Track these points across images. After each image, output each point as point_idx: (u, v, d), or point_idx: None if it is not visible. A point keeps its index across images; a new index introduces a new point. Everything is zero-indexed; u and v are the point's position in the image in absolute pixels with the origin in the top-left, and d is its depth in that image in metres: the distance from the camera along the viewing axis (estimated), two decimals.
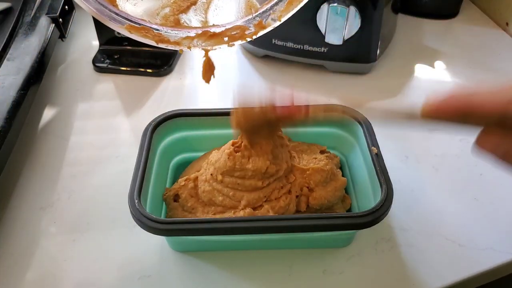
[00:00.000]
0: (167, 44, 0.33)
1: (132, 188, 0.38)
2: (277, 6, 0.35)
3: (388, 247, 0.43)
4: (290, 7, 0.34)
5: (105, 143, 0.55)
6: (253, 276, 0.41)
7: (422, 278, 0.40)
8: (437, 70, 0.66)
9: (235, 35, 0.34)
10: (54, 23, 0.62)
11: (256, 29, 0.34)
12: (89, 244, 0.44)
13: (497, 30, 0.74)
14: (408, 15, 0.77)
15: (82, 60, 0.69)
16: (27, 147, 0.54)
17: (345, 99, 0.60)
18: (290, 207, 0.41)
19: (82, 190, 0.49)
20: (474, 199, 0.47)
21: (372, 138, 0.43)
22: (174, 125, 0.46)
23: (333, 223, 0.36)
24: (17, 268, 0.42)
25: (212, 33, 0.34)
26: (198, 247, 0.43)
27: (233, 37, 0.34)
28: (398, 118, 0.31)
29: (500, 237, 0.43)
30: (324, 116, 0.38)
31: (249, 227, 0.37)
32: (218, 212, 0.41)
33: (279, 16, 0.34)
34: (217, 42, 0.34)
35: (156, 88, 0.63)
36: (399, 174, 0.49)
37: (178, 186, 0.43)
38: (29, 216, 0.46)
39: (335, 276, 0.41)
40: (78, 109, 0.60)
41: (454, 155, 0.52)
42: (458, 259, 0.42)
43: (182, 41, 0.33)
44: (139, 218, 0.36)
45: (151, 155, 0.42)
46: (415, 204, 0.47)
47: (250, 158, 0.39)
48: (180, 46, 0.33)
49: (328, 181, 0.42)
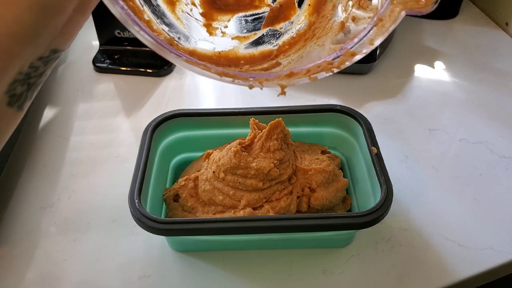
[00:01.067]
0: (233, 79, 0.27)
1: (132, 188, 0.38)
2: (366, 37, 0.29)
3: (388, 247, 0.43)
4: (382, 30, 0.29)
5: (105, 143, 0.55)
6: (253, 276, 0.41)
7: (422, 278, 0.40)
8: (437, 70, 0.66)
9: (318, 68, 0.29)
10: None
11: (342, 58, 0.29)
12: (89, 244, 0.44)
13: (497, 30, 0.74)
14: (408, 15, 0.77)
15: (83, 60, 0.69)
16: (27, 147, 0.54)
17: (345, 99, 0.60)
18: (291, 207, 0.41)
19: (82, 190, 0.49)
20: (474, 199, 0.47)
21: (372, 138, 0.43)
22: (174, 125, 0.46)
23: (333, 223, 0.36)
24: (17, 268, 0.42)
25: (289, 73, 0.29)
26: (198, 247, 0.43)
27: (315, 70, 0.29)
28: None
29: (500, 237, 0.43)
30: None
31: (249, 227, 0.37)
32: (218, 212, 0.41)
33: (371, 39, 0.29)
34: (296, 77, 0.29)
35: (156, 88, 0.63)
36: (399, 174, 0.49)
37: (178, 186, 0.43)
38: (29, 216, 0.46)
39: (335, 276, 0.41)
40: (78, 109, 0.60)
41: (454, 155, 0.52)
42: (458, 259, 0.42)
43: (252, 80, 0.28)
44: (139, 218, 0.36)
45: (151, 155, 0.42)
46: (415, 204, 0.47)
47: (255, 158, 0.40)
48: (249, 82, 0.28)
49: (330, 182, 0.42)
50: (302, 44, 0.34)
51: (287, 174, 0.41)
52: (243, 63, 0.33)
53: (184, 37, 0.32)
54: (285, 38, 0.35)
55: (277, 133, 0.41)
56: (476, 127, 0.56)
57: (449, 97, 0.61)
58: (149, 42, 0.25)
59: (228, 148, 0.41)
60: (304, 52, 0.33)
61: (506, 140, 0.54)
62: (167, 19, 0.31)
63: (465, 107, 0.59)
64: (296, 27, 0.35)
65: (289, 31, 0.35)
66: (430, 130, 0.56)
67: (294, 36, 0.35)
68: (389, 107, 0.59)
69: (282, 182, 0.41)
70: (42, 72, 0.23)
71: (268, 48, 0.35)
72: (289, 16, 0.35)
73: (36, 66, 0.22)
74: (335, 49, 0.30)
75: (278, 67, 0.32)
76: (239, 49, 0.34)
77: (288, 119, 0.43)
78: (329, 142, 0.48)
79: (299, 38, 0.35)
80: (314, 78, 0.29)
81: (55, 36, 0.22)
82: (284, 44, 0.35)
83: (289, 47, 0.35)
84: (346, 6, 0.33)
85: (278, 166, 0.40)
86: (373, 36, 0.29)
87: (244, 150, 0.40)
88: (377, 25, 0.29)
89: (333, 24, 0.33)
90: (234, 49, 0.34)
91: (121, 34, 0.67)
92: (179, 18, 0.32)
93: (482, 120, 0.57)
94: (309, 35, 0.34)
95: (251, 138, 0.41)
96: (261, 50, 0.35)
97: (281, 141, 0.41)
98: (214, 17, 0.34)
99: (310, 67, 0.29)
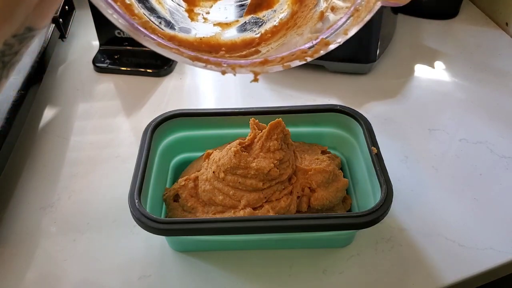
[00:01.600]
0: (206, 64, 0.27)
1: (132, 188, 0.38)
2: (341, 26, 0.29)
3: (388, 247, 0.43)
4: (358, 20, 0.29)
5: (105, 143, 0.55)
6: (253, 276, 0.41)
7: (422, 278, 0.40)
8: (437, 70, 0.66)
9: (292, 56, 0.29)
10: (54, 23, 0.63)
11: (317, 47, 0.29)
12: (89, 244, 0.44)
13: (497, 30, 0.74)
14: (408, 15, 0.77)
15: (82, 60, 0.69)
16: (27, 147, 0.54)
17: (345, 99, 0.60)
18: (291, 207, 0.41)
19: (82, 190, 0.49)
20: (474, 199, 0.47)
21: (372, 138, 0.43)
22: (174, 125, 0.46)
23: (333, 223, 0.36)
24: (17, 268, 0.42)
25: (263, 60, 0.28)
26: (198, 247, 0.43)
27: (289, 58, 0.29)
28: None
29: (500, 237, 0.43)
30: None
31: (249, 227, 0.37)
32: (218, 212, 0.41)
33: (345, 30, 0.29)
34: (270, 65, 0.29)
35: (156, 88, 0.63)
36: (399, 174, 0.49)
37: (178, 186, 0.43)
38: (29, 216, 0.46)
39: (335, 276, 0.41)
40: (78, 109, 0.60)
41: (454, 155, 0.52)
42: (458, 259, 0.42)
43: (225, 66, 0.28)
44: (139, 218, 0.36)
45: (151, 155, 0.42)
46: (415, 204, 0.47)
47: (255, 158, 0.40)
48: (222, 68, 0.28)
49: (330, 182, 0.42)
50: (284, 33, 0.34)
51: (287, 174, 0.41)
52: (224, 50, 0.32)
53: (166, 23, 0.31)
54: (268, 27, 0.35)
55: (277, 133, 0.41)
56: (476, 127, 0.56)
57: (449, 97, 0.61)
58: (122, 25, 0.25)
59: (228, 148, 0.41)
60: (284, 41, 0.33)
61: (506, 140, 0.54)
62: (149, 4, 0.31)
63: (465, 107, 0.59)
64: (279, 16, 0.35)
65: (271, 19, 0.34)
66: (430, 130, 0.56)
67: (276, 25, 0.35)
68: (389, 107, 0.59)
69: (282, 182, 0.41)
70: (17, 50, 0.23)
71: (250, 36, 0.35)
72: (272, 4, 0.35)
73: (10, 44, 0.22)
74: (312, 37, 0.30)
75: (256, 54, 0.32)
76: (221, 36, 0.34)
77: (288, 119, 0.43)
78: (329, 142, 0.48)
79: (281, 27, 0.35)
80: (287, 66, 0.28)
81: (29, 13, 0.22)
82: (266, 32, 0.35)
83: (271, 35, 0.35)
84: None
85: (278, 166, 0.40)
86: (348, 26, 0.29)
87: (244, 150, 0.40)
88: (353, 15, 0.29)
89: (314, 14, 0.33)
90: (216, 35, 0.33)
91: (121, 34, 0.67)
92: (161, 2, 0.32)
93: (482, 120, 0.57)
94: (291, 24, 0.34)
95: (251, 138, 0.41)
96: (243, 38, 0.35)
97: (281, 141, 0.41)
98: (196, 3, 0.34)
99: (284, 55, 0.29)
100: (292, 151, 0.43)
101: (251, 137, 0.42)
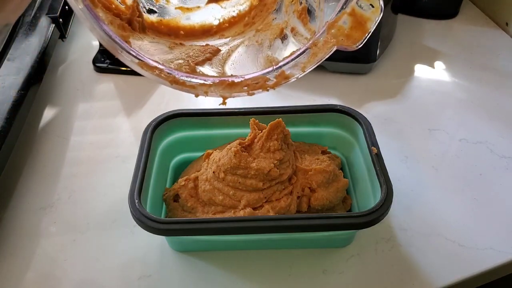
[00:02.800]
0: (182, 87, 0.30)
1: (132, 188, 0.38)
2: (299, 58, 0.32)
3: (388, 247, 0.43)
4: (315, 59, 0.32)
5: (105, 143, 0.55)
6: (253, 276, 0.41)
7: (422, 278, 0.40)
8: (437, 70, 0.66)
9: (256, 84, 0.32)
10: (54, 23, 0.62)
11: (277, 80, 0.32)
12: (89, 244, 0.44)
13: (497, 30, 0.74)
14: (408, 15, 0.77)
15: (83, 60, 0.69)
16: (27, 147, 0.54)
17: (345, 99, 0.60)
18: (291, 208, 0.41)
19: (82, 190, 0.49)
20: (474, 199, 0.47)
21: (372, 138, 0.43)
22: (174, 125, 0.46)
23: (333, 223, 0.36)
24: (17, 268, 0.42)
25: (231, 82, 0.32)
26: (198, 247, 0.43)
27: (253, 86, 0.32)
28: None
29: (500, 237, 0.43)
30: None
31: (249, 227, 0.37)
32: (218, 212, 0.41)
33: (303, 67, 0.32)
34: (236, 90, 0.32)
35: (156, 88, 0.63)
36: (399, 174, 0.49)
37: (178, 186, 0.43)
38: (29, 216, 0.46)
39: (335, 276, 0.41)
40: (78, 109, 0.60)
41: (454, 155, 0.52)
42: (458, 259, 0.42)
43: (198, 87, 0.31)
44: (139, 218, 0.36)
45: (151, 155, 0.42)
46: (415, 204, 0.47)
47: (255, 158, 0.40)
48: (196, 90, 0.31)
49: (330, 182, 0.42)
50: (241, 29, 0.37)
51: (287, 174, 0.41)
52: (183, 34, 0.35)
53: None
54: (226, 16, 0.37)
55: (277, 133, 0.41)
56: (476, 127, 0.56)
57: (449, 97, 0.61)
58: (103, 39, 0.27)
59: (228, 148, 0.41)
60: (243, 48, 0.35)
61: (506, 140, 0.54)
62: None
63: (465, 107, 0.59)
64: (239, 7, 0.37)
65: (231, 10, 0.36)
66: (430, 130, 0.56)
67: (234, 16, 0.37)
68: (389, 107, 0.59)
69: (282, 182, 0.41)
70: None
71: (208, 23, 0.37)
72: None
73: None
74: (271, 61, 0.33)
75: (218, 54, 0.34)
76: (181, 19, 0.36)
77: (288, 119, 0.43)
78: (329, 142, 0.48)
79: (239, 19, 0.37)
80: (252, 94, 0.32)
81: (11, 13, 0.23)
82: (224, 21, 0.37)
83: (228, 26, 0.37)
84: (288, 8, 0.35)
85: (278, 166, 0.40)
86: (306, 62, 0.32)
87: (244, 150, 0.40)
88: (311, 48, 0.32)
89: (273, 22, 0.35)
90: (176, 18, 0.35)
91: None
92: None
93: (482, 120, 0.57)
94: (249, 21, 0.36)
95: (251, 138, 0.41)
96: (202, 24, 0.37)
97: (281, 141, 0.41)
98: None
99: (249, 82, 0.32)
100: (292, 151, 0.43)
101: (251, 137, 0.42)
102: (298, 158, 0.44)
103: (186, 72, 0.32)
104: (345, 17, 0.31)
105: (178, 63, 0.33)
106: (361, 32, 0.31)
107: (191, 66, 0.32)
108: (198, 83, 0.31)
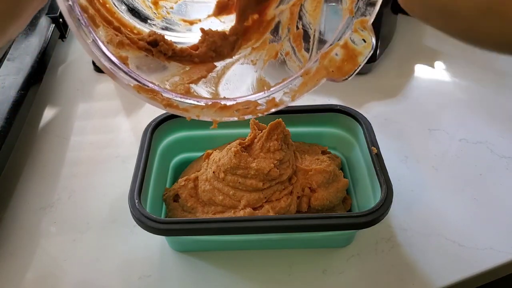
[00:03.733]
0: (176, 110, 0.31)
1: (132, 188, 0.38)
2: (290, 85, 0.34)
3: (388, 247, 0.43)
4: (305, 88, 0.33)
5: (105, 143, 0.55)
6: (253, 276, 0.41)
7: (422, 278, 0.40)
8: (437, 70, 0.66)
9: (246, 109, 0.33)
10: (54, 23, 0.63)
11: (268, 106, 0.33)
12: (89, 244, 0.44)
13: None
14: (408, 15, 0.77)
15: (82, 60, 0.69)
16: (27, 147, 0.54)
17: (345, 99, 0.60)
18: (291, 208, 0.41)
19: (82, 190, 0.49)
20: (474, 199, 0.47)
21: (372, 138, 0.43)
22: (174, 125, 0.46)
23: (333, 223, 0.36)
24: (17, 268, 0.42)
25: (223, 106, 0.33)
26: (198, 247, 0.43)
27: (244, 111, 0.33)
28: None
29: (500, 237, 0.43)
30: None
31: (249, 227, 0.37)
32: (218, 212, 0.41)
33: (293, 96, 0.33)
34: (227, 114, 0.33)
35: None
36: (399, 174, 0.49)
37: (178, 186, 0.43)
38: (29, 216, 0.46)
39: (335, 276, 0.41)
40: (78, 109, 0.60)
41: (454, 155, 0.52)
42: (458, 259, 0.42)
43: (191, 109, 0.32)
44: (139, 218, 0.36)
45: (151, 155, 0.42)
46: (415, 204, 0.47)
47: (255, 158, 0.40)
48: (188, 113, 0.32)
49: (330, 182, 0.42)
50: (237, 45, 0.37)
51: (287, 174, 0.41)
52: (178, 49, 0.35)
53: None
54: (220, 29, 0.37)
55: (277, 133, 0.41)
56: (476, 127, 0.56)
57: (449, 97, 0.61)
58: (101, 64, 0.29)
59: (228, 148, 0.41)
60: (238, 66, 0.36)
61: (506, 140, 0.54)
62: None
63: (465, 107, 0.59)
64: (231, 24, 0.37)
65: (230, 24, 0.36)
66: (430, 130, 0.56)
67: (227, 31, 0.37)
68: (389, 107, 0.59)
69: (282, 182, 0.41)
70: None
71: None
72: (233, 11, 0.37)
73: None
74: (264, 84, 0.34)
75: (213, 70, 0.35)
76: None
77: (288, 119, 0.43)
78: (329, 142, 0.48)
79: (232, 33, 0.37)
80: (242, 118, 0.33)
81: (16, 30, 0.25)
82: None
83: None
84: (284, 30, 0.36)
85: (278, 167, 0.40)
86: (296, 91, 0.33)
87: (244, 150, 0.40)
88: (303, 76, 0.33)
89: (268, 41, 0.36)
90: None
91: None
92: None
93: (482, 120, 0.57)
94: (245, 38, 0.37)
95: (251, 138, 0.41)
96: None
97: (281, 141, 0.41)
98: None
99: (240, 107, 0.33)
100: (292, 151, 0.43)
101: (251, 137, 0.42)
102: (298, 158, 0.44)
103: (180, 93, 0.33)
104: (338, 49, 0.32)
105: (174, 82, 0.34)
106: (352, 65, 0.32)
107: (186, 87, 0.33)
108: (192, 104, 0.32)
